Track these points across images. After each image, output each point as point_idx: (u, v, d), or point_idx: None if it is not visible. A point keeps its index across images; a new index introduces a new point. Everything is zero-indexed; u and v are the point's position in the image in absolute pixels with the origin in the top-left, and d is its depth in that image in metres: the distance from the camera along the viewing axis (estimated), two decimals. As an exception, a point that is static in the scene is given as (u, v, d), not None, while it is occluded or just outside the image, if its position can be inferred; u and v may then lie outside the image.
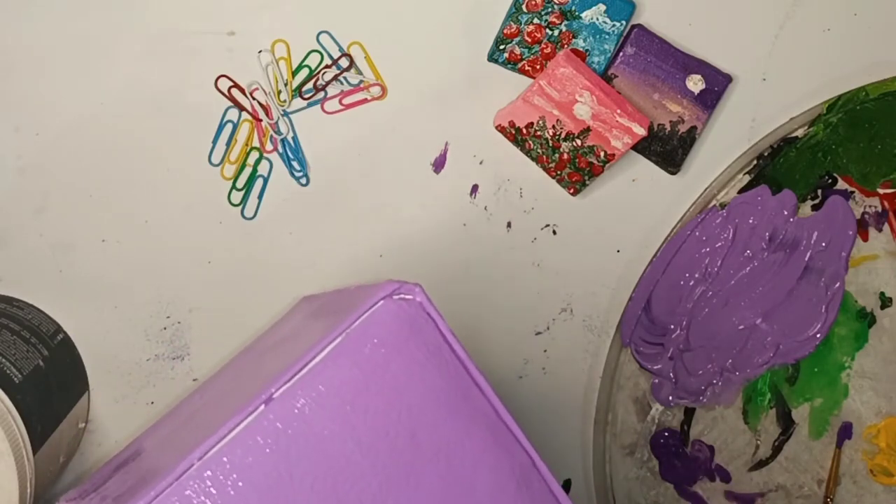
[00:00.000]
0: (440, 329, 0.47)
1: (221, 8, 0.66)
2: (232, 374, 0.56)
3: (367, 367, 0.46)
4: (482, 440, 0.47)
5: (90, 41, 0.66)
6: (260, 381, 0.47)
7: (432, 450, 0.46)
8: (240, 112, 0.68)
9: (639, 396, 0.73)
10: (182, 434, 0.51)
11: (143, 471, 0.49)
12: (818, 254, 0.71)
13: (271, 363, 0.49)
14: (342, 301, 0.51)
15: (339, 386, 0.46)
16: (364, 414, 0.46)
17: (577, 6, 0.67)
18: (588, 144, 0.68)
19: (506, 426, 0.48)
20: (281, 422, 0.45)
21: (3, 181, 0.67)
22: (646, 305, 0.71)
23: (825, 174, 0.71)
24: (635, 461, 0.74)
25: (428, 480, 0.46)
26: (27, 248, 0.68)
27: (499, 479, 0.47)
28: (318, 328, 0.49)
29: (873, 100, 0.70)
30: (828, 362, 0.73)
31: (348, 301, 0.50)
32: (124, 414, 0.70)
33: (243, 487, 0.45)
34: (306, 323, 0.53)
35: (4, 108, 0.66)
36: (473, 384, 0.47)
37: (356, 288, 0.53)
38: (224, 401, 0.50)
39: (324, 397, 0.45)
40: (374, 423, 0.46)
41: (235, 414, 0.45)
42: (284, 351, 0.50)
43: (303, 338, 0.49)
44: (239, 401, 0.46)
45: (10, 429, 0.59)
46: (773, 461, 0.73)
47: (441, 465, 0.46)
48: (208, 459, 0.45)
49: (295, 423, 0.45)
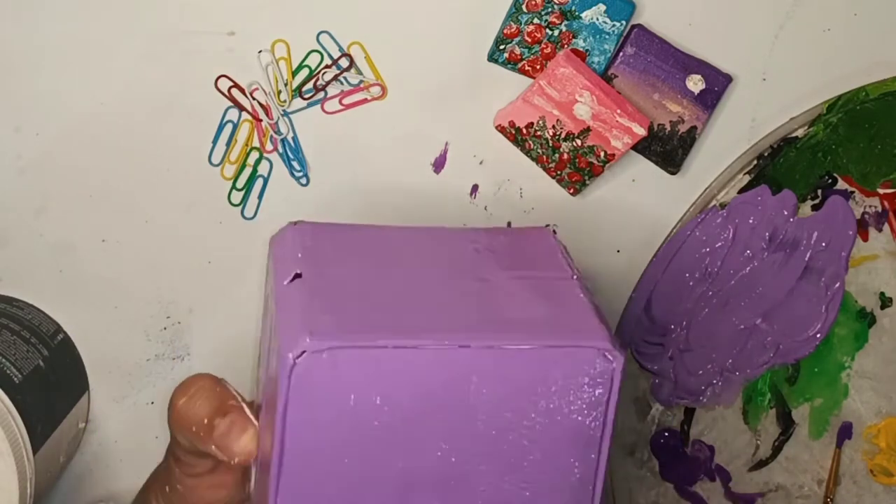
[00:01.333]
0: (610, 398, 0.52)
1: (221, 8, 0.66)
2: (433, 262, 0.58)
3: (545, 381, 0.51)
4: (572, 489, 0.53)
5: (90, 41, 0.66)
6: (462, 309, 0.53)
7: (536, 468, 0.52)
8: (240, 112, 0.68)
9: (639, 396, 0.73)
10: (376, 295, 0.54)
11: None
12: (818, 254, 0.71)
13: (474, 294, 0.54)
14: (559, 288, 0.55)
15: (519, 375, 0.51)
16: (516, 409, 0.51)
17: (577, 6, 0.67)
18: (588, 144, 0.68)
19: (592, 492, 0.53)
20: (460, 365, 0.50)
21: (3, 181, 0.67)
22: (646, 305, 0.71)
23: (825, 174, 0.71)
24: (635, 461, 0.74)
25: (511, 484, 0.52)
26: (27, 248, 0.68)
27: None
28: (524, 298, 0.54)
29: (873, 100, 0.70)
30: (828, 362, 0.73)
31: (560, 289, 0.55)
32: (124, 414, 0.70)
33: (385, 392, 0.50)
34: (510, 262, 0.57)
35: (4, 108, 0.66)
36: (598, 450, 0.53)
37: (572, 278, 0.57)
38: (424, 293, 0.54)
39: (501, 375, 0.51)
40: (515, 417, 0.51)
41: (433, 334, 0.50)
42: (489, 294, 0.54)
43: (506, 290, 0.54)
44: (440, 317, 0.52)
45: (10, 429, 0.59)
46: (773, 461, 0.74)
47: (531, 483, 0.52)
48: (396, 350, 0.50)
49: (466, 375, 0.50)
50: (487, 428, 0.51)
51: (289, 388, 0.50)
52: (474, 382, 0.51)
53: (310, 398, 0.50)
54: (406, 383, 0.50)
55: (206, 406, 0.55)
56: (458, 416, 0.51)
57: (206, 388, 0.56)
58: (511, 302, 0.54)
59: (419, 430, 0.51)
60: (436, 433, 0.51)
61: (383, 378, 0.50)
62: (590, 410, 0.52)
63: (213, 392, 0.56)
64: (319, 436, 0.50)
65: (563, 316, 0.53)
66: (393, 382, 0.50)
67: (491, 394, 0.51)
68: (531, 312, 0.53)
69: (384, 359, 0.50)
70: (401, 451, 0.51)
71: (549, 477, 0.53)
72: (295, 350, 0.49)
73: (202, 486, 0.58)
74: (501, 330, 0.52)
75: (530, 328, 0.52)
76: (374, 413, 0.50)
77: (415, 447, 0.51)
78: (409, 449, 0.51)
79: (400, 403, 0.50)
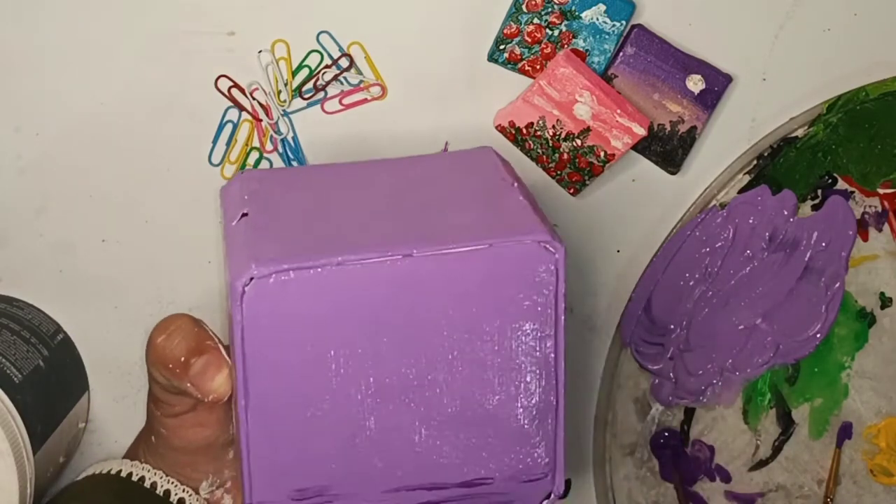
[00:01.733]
0: (558, 287, 0.53)
1: (221, 8, 0.66)
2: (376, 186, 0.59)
3: (493, 278, 0.52)
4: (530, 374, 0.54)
5: (90, 41, 0.66)
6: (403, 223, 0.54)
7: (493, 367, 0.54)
8: (240, 112, 0.68)
9: (639, 396, 0.73)
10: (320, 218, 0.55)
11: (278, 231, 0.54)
12: (818, 254, 0.71)
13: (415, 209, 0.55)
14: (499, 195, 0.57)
15: (466, 277, 0.52)
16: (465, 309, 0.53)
17: (577, 6, 0.67)
18: (588, 144, 0.68)
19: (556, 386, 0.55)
20: (406, 274, 0.52)
21: (3, 181, 0.67)
22: (646, 305, 0.71)
23: (825, 174, 0.71)
24: (635, 461, 0.74)
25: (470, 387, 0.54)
26: (27, 248, 0.68)
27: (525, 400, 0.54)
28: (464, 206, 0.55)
29: (873, 100, 0.70)
30: (828, 362, 0.73)
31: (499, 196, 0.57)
32: (124, 414, 0.70)
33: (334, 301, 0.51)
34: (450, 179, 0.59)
35: (4, 108, 0.66)
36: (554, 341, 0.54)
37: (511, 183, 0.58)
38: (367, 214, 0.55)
39: (448, 279, 0.52)
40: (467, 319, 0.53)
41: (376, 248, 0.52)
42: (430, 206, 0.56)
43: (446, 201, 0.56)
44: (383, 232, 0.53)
45: (10, 429, 0.59)
46: (773, 461, 0.74)
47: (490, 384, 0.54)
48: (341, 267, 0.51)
49: (413, 283, 0.52)
50: (442, 335, 0.53)
51: (242, 317, 0.51)
52: (422, 290, 0.52)
53: (264, 324, 0.51)
54: (356, 298, 0.52)
55: (184, 345, 0.57)
56: (413, 326, 0.52)
57: (184, 327, 0.58)
58: (451, 212, 0.55)
59: (377, 344, 0.52)
60: (394, 345, 0.53)
61: (333, 295, 0.51)
62: (539, 303, 0.53)
63: (191, 331, 0.57)
64: (279, 360, 0.52)
65: (502, 217, 0.55)
66: (343, 299, 0.52)
67: (440, 299, 0.52)
68: (470, 218, 0.54)
69: (331, 277, 0.51)
70: (363, 364, 0.52)
71: (513, 373, 0.54)
72: (243, 278, 0.51)
73: (185, 426, 0.59)
74: (442, 236, 0.53)
75: (470, 231, 0.53)
76: (329, 331, 0.52)
77: (376, 360, 0.53)
78: (367, 362, 0.52)
79: (353, 319, 0.52)
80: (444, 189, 0.58)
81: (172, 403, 0.59)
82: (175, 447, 0.60)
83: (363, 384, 0.53)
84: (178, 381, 0.57)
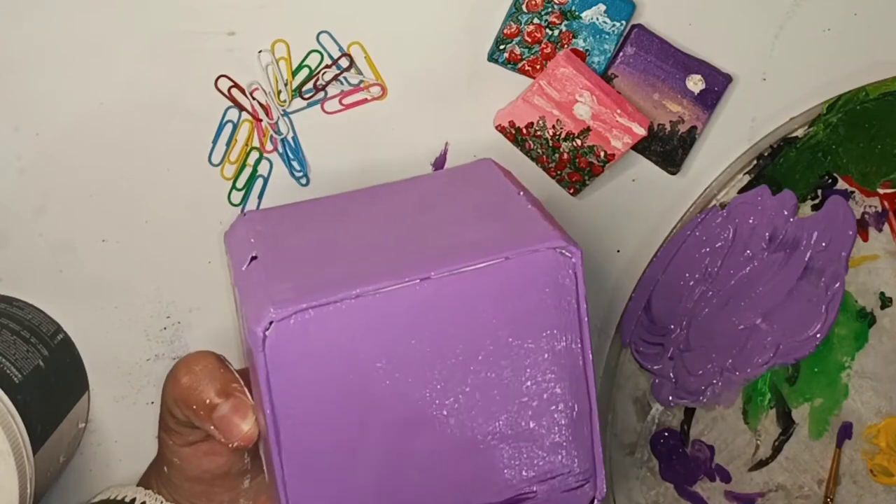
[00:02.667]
0: (578, 290, 0.53)
1: (221, 8, 0.66)
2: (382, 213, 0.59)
3: (511, 292, 0.52)
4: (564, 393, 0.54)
5: (90, 41, 0.66)
6: (415, 246, 0.53)
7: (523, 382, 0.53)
8: (240, 112, 0.68)
9: (639, 396, 0.73)
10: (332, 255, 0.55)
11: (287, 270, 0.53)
12: (818, 254, 0.71)
13: (424, 231, 0.55)
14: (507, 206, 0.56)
15: (484, 294, 0.52)
16: (488, 325, 0.52)
17: (577, 6, 0.67)
18: (588, 144, 0.68)
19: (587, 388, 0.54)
20: (425, 299, 0.51)
21: (3, 181, 0.67)
22: (646, 305, 0.71)
23: (825, 174, 0.71)
24: (635, 461, 0.74)
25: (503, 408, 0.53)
26: (27, 248, 0.68)
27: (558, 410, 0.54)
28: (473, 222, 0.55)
29: (873, 100, 0.70)
30: (828, 362, 0.73)
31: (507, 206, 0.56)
32: (124, 414, 0.70)
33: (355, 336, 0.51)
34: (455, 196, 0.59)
35: (4, 108, 0.66)
36: (580, 342, 0.54)
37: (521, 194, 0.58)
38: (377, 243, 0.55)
39: (467, 298, 0.51)
40: (491, 333, 0.52)
41: (392, 276, 0.51)
42: (440, 227, 0.55)
43: (455, 219, 0.56)
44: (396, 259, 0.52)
45: (10, 429, 0.59)
46: (773, 461, 0.74)
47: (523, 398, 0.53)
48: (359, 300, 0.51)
49: (433, 306, 0.51)
50: (469, 355, 0.52)
51: (266, 362, 0.50)
52: (443, 311, 0.52)
53: (288, 366, 0.50)
54: (377, 329, 0.51)
55: (210, 387, 0.55)
56: (436, 350, 0.52)
57: (209, 367, 0.56)
58: (462, 229, 0.54)
59: (402, 372, 0.52)
60: (419, 371, 0.52)
61: (354, 329, 0.51)
62: (561, 309, 0.53)
63: (216, 373, 0.56)
64: (307, 400, 0.51)
65: (513, 228, 0.54)
66: (364, 331, 0.51)
67: (462, 318, 0.52)
68: (482, 234, 0.54)
69: (350, 310, 0.51)
70: (390, 395, 0.52)
71: (543, 384, 0.53)
72: (263, 322, 0.50)
73: (198, 455, 0.58)
74: (457, 255, 0.52)
75: (484, 246, 0.52)
76: (352, 364, 0.51)
77: (402, 389, 0.52)
78: (397, 392, 0.52)
79: (376, 350, 0.51)
80: (450, 207, 0.57)
81: (187, 433, 0.58)
82: (189, 477, 0.59)
83: (393, 414, 0.52)
84: (200, 423, 0.55)
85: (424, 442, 0.52)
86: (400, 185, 0.60)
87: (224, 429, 0.55)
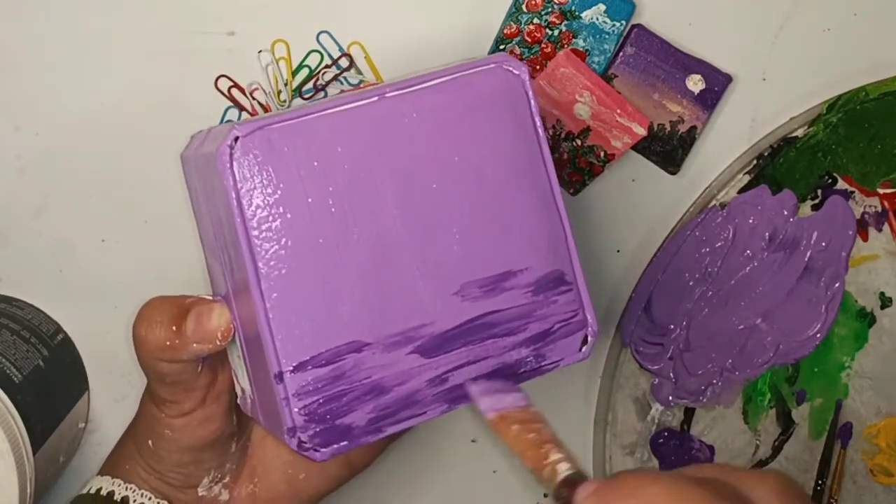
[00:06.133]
0: (531, 104, 0.56)
1: (221, 8, 0.66)
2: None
3: (467, 106, 0.54)
4: (532, 202, 0.55)
5: (90, 41, 0.66)
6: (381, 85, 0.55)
7: (490, 190, 0.54)
8: (240, 112, 0.68)
9: (639, 396, 0.73)
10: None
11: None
12: (818, 254, 0.71)
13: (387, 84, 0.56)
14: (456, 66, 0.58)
15: (441, 109, 0.54)
16: (450, 140, 0.54)
17: (577, 6, 0.67)
18: (588, 144, 0.68)
19: (554, 201, 0.56)
20: (384, 115, 0.53)
21: (3, 181, 0.67)
22: (646, 305, 0.71)
23: (825, 174, 0.71)
24: (635, 461, 0.73)
25: (474, 210, 0.54)
26: (27, 248, 0.68)
27: (533, 238, 0.55)
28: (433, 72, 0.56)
29: (873, 100, 0.70)
30: (828, 362, 0.73)
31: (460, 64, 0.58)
32: (124, 414, 0.70)
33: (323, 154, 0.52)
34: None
35: (4, 108, 0.66)
36: (541, 157, 0.56)
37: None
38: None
39: (425, 113, 0.53)
40: (454, 148, 0.54)
41: (349, 98, 0.53)
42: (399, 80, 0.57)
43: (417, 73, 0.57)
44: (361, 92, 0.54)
45: (10, 429, 0.59)
46: (773, 461, 0.74)
47: (491, 205, 0.54)
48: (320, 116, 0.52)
49: (393, 123, 0.53)
50: (432, 173, 0.53)
51: (235, 180, 0.51)
52: (401, 130, 0.53)
53: (257, 182, 0.51)
54: (342, 145, 0.52)
55: (167, 316, 0.56)
56: (401, 169, 0.53)
57: (156, 304, 0.57)
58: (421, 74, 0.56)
59: (371, 191, 0.52)
60: (388, 190, 0.53)
61: (320, 145, 0.52)
62: (518, 123, 0.55)
63: (164, 303, 0.56)
64: (281, 218, 0.51)
65: (466, 63, 0.56)
66: (330, 147, 0.52)
67: (421, 137, 0.53)
68: (438, 72, 0.55)
69: (314, 126, 0.52)
70: (362, 213, 0.52)
71: (507, 197, 0.55)
72: (228, 139, 0.50)
73: (192, 424, 0.59)
74: (414, 80, 0.54)
75: (438, 73, 0.55)
76: (322, 181, 0.52)
77: (374, 209, 0.52)
78: (369, 211, 0.52)
79: (342, 167, 0.52)
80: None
81: (182, 401, 0.58)
82: (181, 447, 0.59)
83: (366, 235, 0.52)
84: (183, 352, 0.56)
85: (400, 260, 0.53)
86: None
87: (202, 335, 0.55)
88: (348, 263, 0.52)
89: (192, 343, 0.55)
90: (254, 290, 0.51)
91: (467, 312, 0.54)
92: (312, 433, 0.52)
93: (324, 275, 0.52)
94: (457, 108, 0.54)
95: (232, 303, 0.55)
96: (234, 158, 0.51)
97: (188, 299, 0.57)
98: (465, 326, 0.54)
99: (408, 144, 0.53)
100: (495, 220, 0.54)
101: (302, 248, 0.52)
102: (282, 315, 0.51)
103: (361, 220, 0.52)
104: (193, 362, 0.57)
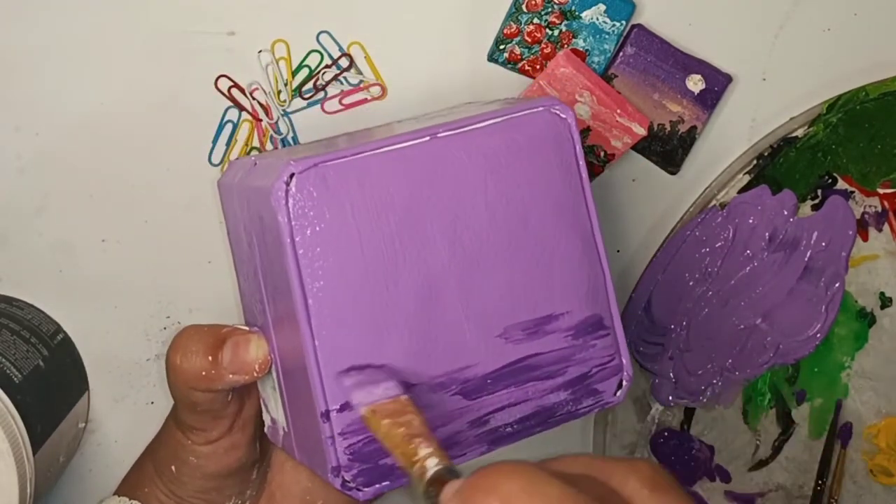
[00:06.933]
0: (576, 148, 0.56)
1: (221, 8, 0.66)
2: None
3: (516, 148, 0.55)
4: (575, 246, 0.56)
5: (90, 41, 0.66)
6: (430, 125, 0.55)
7: (535, 233, 0.55)
8: (240, 112, 0.68)
9: (639, 396, 0.73)
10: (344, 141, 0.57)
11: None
12: (818, 254, 0.71)
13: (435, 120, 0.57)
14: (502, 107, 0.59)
15: (491, 151, 0.54)
16: (499, 182, 0.54)
17: (577, 6, 0.67)
18: (588, 144, 0.68)
19: (595, 245, 0.57)
20: (436, 155, 0.53)
21: (3, 181, 0.67)
22: (646, 305, 0.71)
23: (825, 174, 0.71)
24: (635, 461, 0.73)
25: (519, 253, 0.54)
26: (27, 248, 0.68)
27: (575, 282, 0.56)
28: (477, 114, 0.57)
29: (873, 100, 0.70)
30: (828, 362, 0.73)
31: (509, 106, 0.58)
32: (124, 414, 0.70)
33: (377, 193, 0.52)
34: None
35: (4, 108, 0.66)
36: (584, 200, 0.56)
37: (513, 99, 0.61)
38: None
39: (475, 155, 0.54)
40: (502, 190, 0.54)
41: (400, 137, 0.53)
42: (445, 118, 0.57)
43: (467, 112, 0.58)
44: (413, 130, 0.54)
45: (10, 429, 0.59)
46: (773, 461, 0.74)
47: (535, 248, 0.55)
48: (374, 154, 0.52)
49: (444, 163, 0.53)
50: (480, 215, 0.53)
51: (290, 216, 0.50)
52: (452, 171, 0.53)
53: (311, 218, 0.51)
54: (395, 184, 0.52)
55: (202, 346, 0.55)
56: (449, 209, 0.53)
57: (191, 333, 0.56)
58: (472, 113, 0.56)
59: (420, 231, 0.52)
60: (436, 230, 0.53)
61: (373, 183, 0.52)
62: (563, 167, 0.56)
63: (200, 332, 0.55)
64: (333, 255, 0.51)
65: (512, 104, 0.57)
66: (382, 186, 0.52)
67: (470, 179, 0.53)
68: (489, 109, 0.56)
69: (368, 164, 0.52)
70: (412, 253, 0.52)
71: (551, 240, 0.55)
72: (284, 176, 0.50)
73: (219, 452, 0.58)
74: (464, 121, 0.54)
75: (487, 114, 0.55)
76: (373, 221, 0.52)
77: (422, 249, 0.52)
78: (417, 251, 0.52)
79: (393, 206, 0.52)
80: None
81: (210, 429, 0.57)
82: (206, 474, 0.59)
83: (415, 274, 0.52)
84: (219, 383, 0.55)
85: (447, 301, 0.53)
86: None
87: (238, 368, 0.54)
88: (396, 303, 0.52)
89: (228, 374, 0.55)
90: (303, 326, 0.51)
91: (510, 355, 0.54)
92: (356, 472, 0.52)
93: (372, 314, 0.51)
94: (505, 150, 0.54)
95: (271, 334, 0.54)
96: (289, 195, 0.50)
97: (224, 329, 0.56)
98: (507, 369, 0.54)
99: (457, 185, 0.53)
100: (539, 262, 0.54)
101: (352, 286, 0.51)
102: (330, 354, 0.51)
103: (410, 260, 0.52)
104: (226, 391, 0.56)
